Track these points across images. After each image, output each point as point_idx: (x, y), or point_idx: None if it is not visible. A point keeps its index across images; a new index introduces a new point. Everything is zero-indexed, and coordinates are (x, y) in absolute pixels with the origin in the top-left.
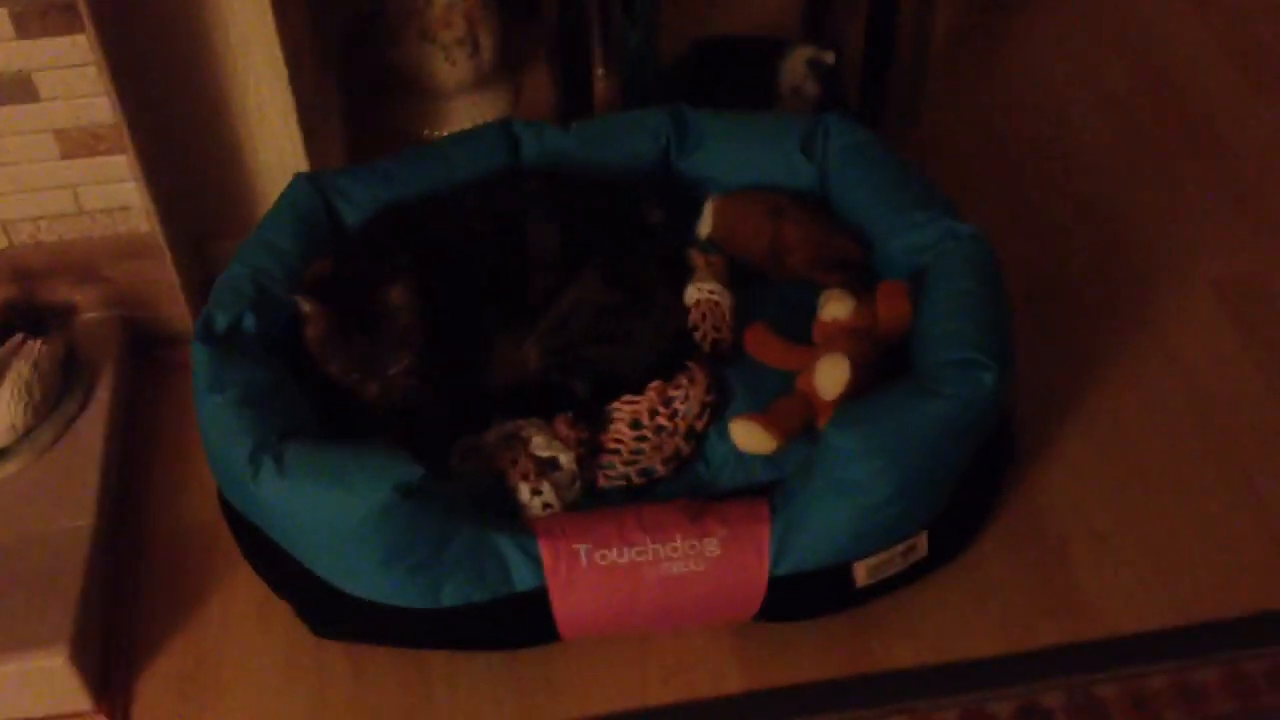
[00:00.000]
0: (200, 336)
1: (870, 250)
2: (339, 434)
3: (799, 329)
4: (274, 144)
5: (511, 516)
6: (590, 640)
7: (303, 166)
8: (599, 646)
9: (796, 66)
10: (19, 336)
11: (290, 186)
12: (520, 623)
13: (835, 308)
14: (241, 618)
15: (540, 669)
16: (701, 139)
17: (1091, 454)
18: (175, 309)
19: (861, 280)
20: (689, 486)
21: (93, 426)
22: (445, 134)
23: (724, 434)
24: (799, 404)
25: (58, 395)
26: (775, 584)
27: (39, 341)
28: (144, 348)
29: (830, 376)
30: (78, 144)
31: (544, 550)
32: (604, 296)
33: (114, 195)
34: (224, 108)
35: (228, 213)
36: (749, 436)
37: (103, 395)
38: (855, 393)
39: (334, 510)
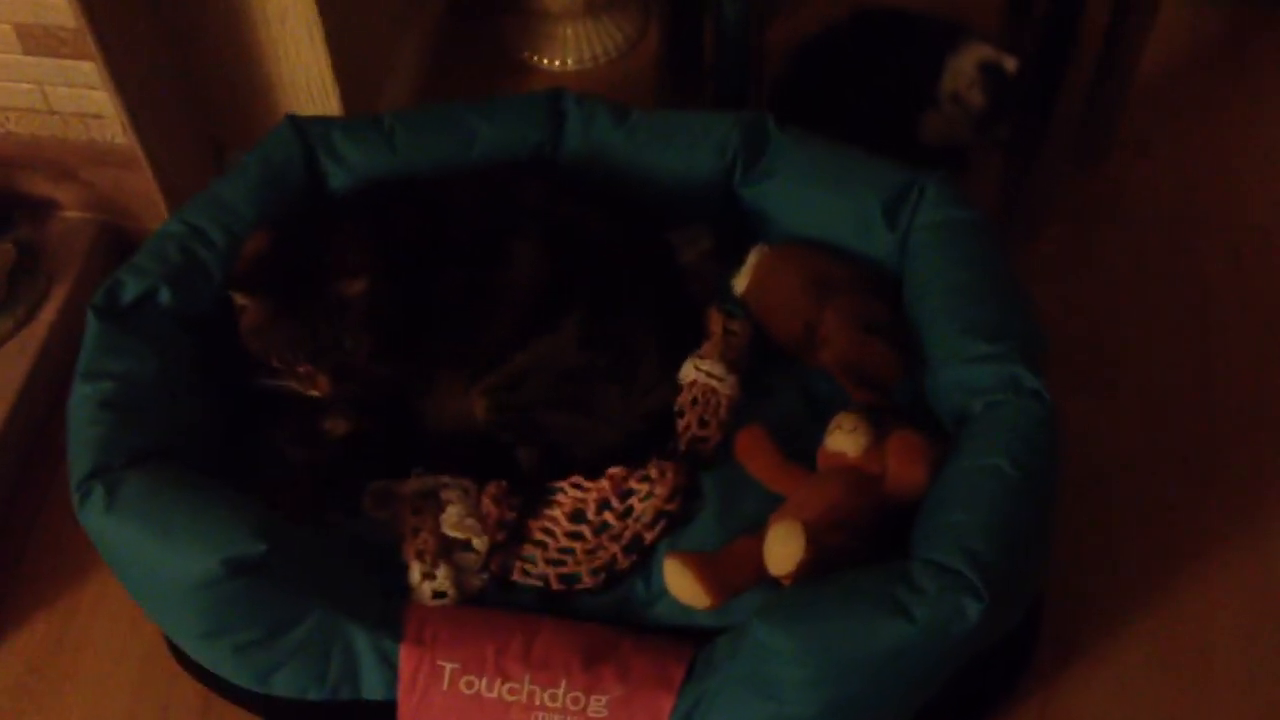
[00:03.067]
0: (98, 306)
1: (920, 368)
2: (242, 443)
3: (815, 436)
4: (298, 58)
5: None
6: None
7: (329, 85)
8: None
9: (966, 66)
10: None
11: (271, 133)
12: None
13: (843, 440)
14: (113, 617)
15: None
16: (775, 165)
17: (1143, 672)
18: (159, 221)
19: (891, 410)
20: (617, 604)
21: (26, 347)
22: (547, 60)
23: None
24: (757, 553)
25: None
26: None
27: None
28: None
29: (778, 550)
30: (39, 43)
31: (403, 659)
32: (575, 359)
33: (83, 101)
34: (240, 12)
35: (246, 123)
36: (680, 581)
37: (47, 315)
38: (825, 560)
39: (155, 567)
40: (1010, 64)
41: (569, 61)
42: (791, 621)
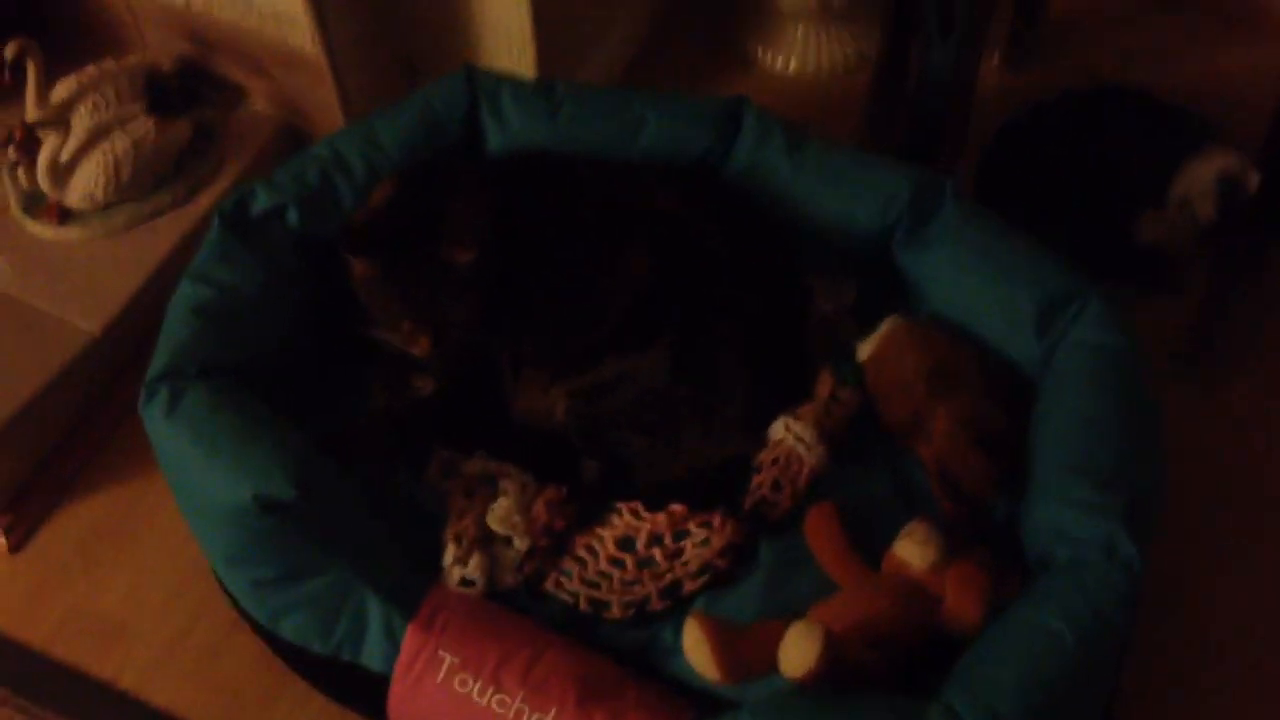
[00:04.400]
0: (225, 212)
1: (1021, 492)
2: (326, 380)
3: (896, 531)
4: (500, 2)
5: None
6: None
7: (527, 37)
8: None
9: (1205, 173)
10: (138, 107)
11: (442, 79)
12: (352, 691)
13: (912, 550)
14: (173, 515)
15: None
16: (937, 235)
17: None
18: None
19: (976, 530)
20: (641, 644)
21: (177, 225)
22: (770, 58)
23: (706, 608)
24: (779, 642)
25: (155, 183)
26: None
27: (151, 120)
28: None
29: (793, 651)
30: None
31: (408, 638)
32: (663, 382)
33: (279, 1)
34: None
35: (439, 56)
36: (695, 646)
37: (205, 200)
38: (845, 674)
39: (197, 483)
40: (1254, 180)
41: (792, 65)
42: None
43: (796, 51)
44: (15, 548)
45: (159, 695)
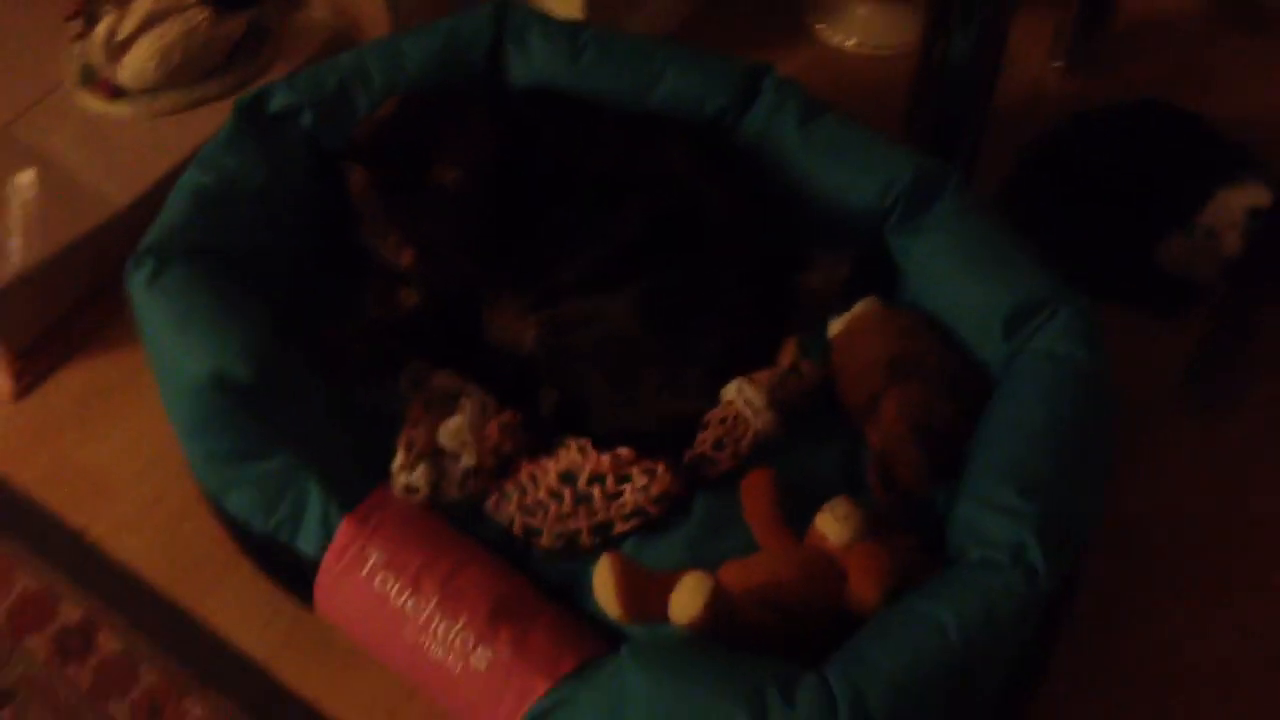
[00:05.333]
0: (242, 105)
1: (946, 494)
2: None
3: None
4: None
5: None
6: None
7: None
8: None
9: (1235, 204)
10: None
11: (472, 10)
12: (285, 572)
13: (829, 524)
14: None
15: (304, 625)
16: (929, 224)
17: None
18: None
19: (903, 518)
20: (568, 577)
21: (210, 123)
22: (829, 32)
23: (633, 552)
24: None
25: (204, 73)
26: None
27: (208, 11)
28: None
29: (680, 598)
30: None
31: (341, 529)
32: (631, 329)
33: None
34: None
35: None
36: (602, 580)
37: None
38: (731, 630)
39: (165, 354)
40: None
41: (850, 41)
42: (654, 667)
43: (857, 28)
44: (20, 395)
45: (122, 551)
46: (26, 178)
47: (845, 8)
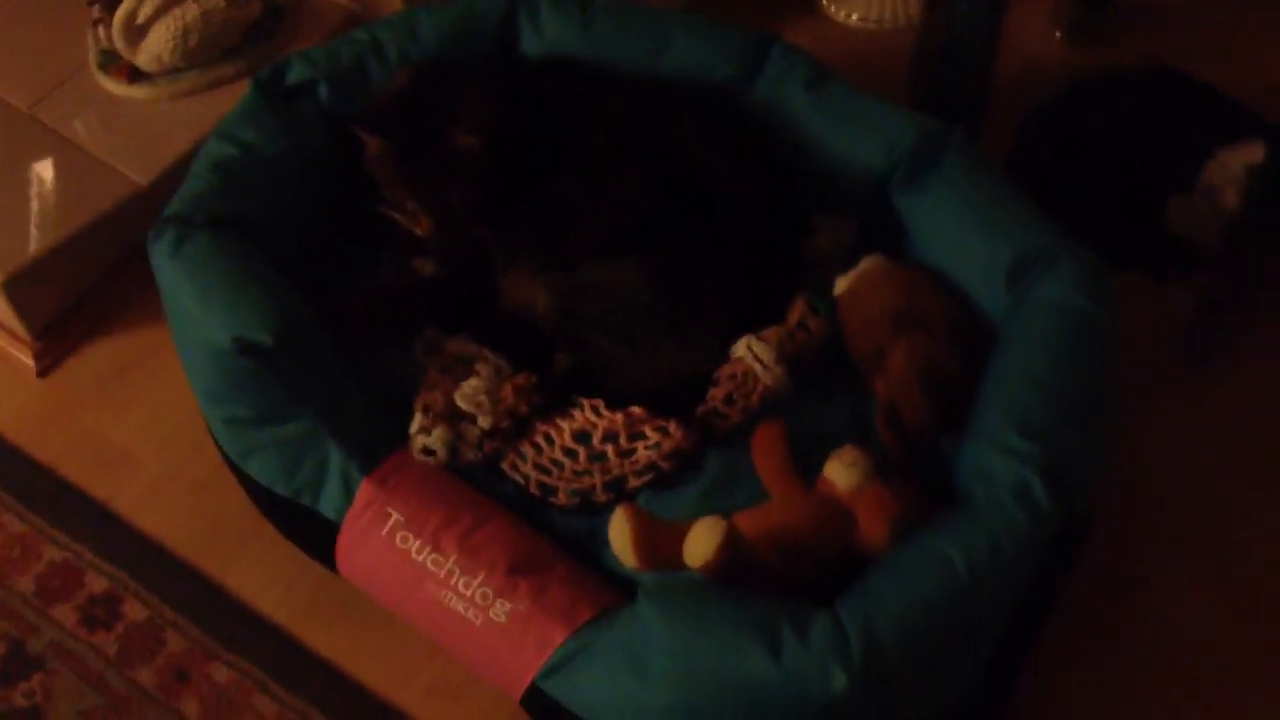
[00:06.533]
0: (261, 79)
1: (959, 435)
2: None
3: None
4: None
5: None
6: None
7: None
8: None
9: (1234, 162)
10: None
11: None
12: (307, 535)
13: (838, 470)
14: None
15: (326, 589)
16: (934, 183)
17: None
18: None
19: (911, 464)
20: (583, 532)
21: (227, 103)
22: (834, 7)
23: (647, 506)
24: None
25: (221, 55)
26: (536, 692)
27: None
28: None
29: (695, 541)
30: None
31: (362, 490)
32: (642, 295)
33: None
34: None
35: None
36: (618, 532)
37: None
38: (746, 572)
39: (188, 321)
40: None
41: (854, 15)
42: (670, 609)
43: (860, 4)
44: (43, 372)
45: (146, 521)
46: (48, 160)
47: None
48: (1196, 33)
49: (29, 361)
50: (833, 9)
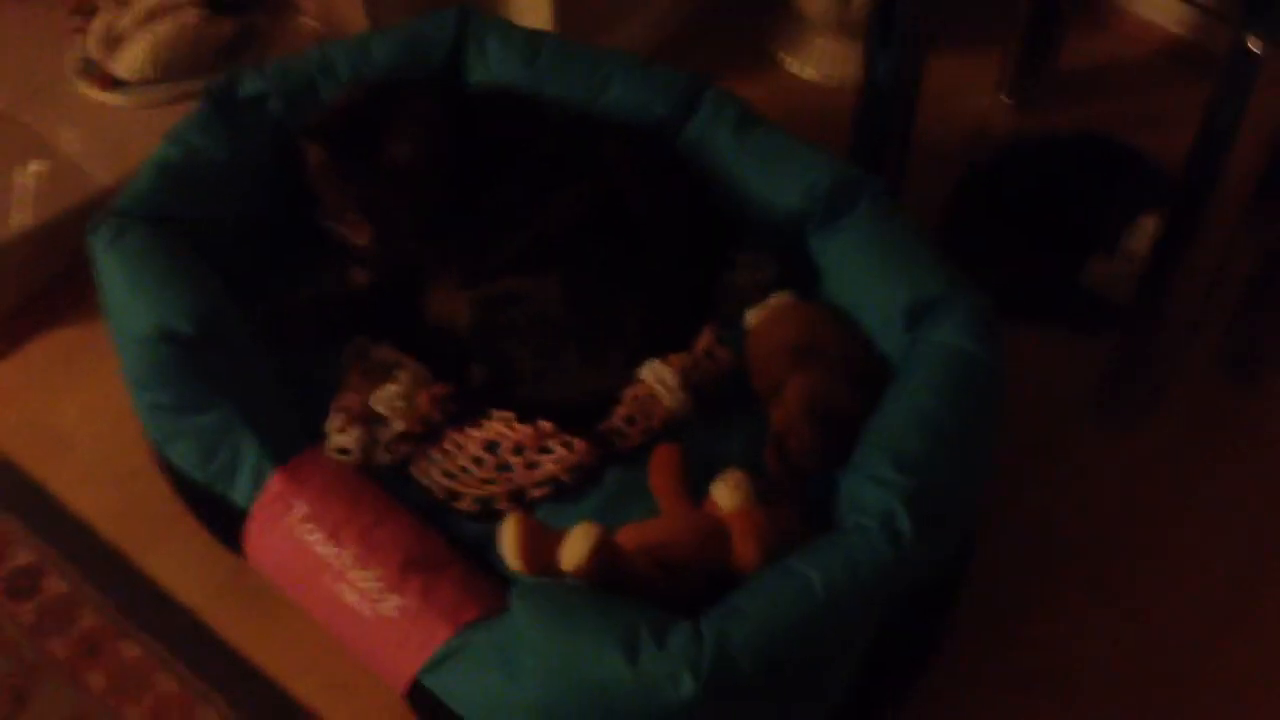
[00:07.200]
0: (213, 90)
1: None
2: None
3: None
4: None
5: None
6: None
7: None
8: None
9: (1152, 229)
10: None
11: (439, 11)
12: (219, 521)
13: (721, 491)
14: None
15: (240, 578)
16: (847, 226)
17: None
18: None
19: (793, 492)
20: (484, 537)
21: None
22: (790, 62)
23: (546, 518)
24: None
25: (194, 70)
26: (420, 687)
27: (200, 13)
28: None
29: (570, 545)
30: None
31: (271, 481)
32: (554, 308)
33: None
34: None
35: None
36: (507, 536)
37: None
38: (620, 581)
39: (119, 310)
40: None
41: (813, 72)
42: (537, 607)
43: (815, 60)
44: None
45: (77, 503)
46: (20, 159)
47: (807, 40)
48: (1143, 101)
49: None
50: (791, 64)
